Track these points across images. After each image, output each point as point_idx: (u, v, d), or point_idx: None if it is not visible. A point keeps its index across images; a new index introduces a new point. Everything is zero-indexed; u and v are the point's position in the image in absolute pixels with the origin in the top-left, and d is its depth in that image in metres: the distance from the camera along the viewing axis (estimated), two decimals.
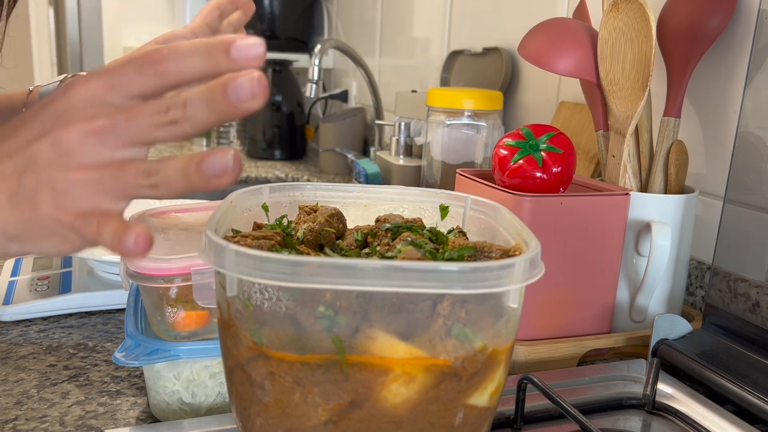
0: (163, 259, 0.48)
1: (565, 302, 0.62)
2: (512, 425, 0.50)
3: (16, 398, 0.52)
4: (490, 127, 0.92)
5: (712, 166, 0.72)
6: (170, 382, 0.49)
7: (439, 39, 1.36)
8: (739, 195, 0.62)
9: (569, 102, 0.94)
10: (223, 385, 0.50)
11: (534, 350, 0.60)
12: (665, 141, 0.68)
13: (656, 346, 0.60)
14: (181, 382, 0.49)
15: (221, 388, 0.50)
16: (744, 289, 0.61)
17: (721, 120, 0.71)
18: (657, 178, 0.68)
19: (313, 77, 1.33)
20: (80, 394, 0.53)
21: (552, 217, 0.59)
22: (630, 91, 0.66)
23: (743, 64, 0.68)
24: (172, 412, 0.50)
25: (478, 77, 1.16)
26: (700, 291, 0.72)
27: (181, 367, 0.49)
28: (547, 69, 0.69)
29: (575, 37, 0.70)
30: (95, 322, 0.67)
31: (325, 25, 2.11)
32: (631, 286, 0.66)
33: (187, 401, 0.50)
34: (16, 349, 0.61)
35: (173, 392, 0.49)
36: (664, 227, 0.62)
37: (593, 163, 0.85)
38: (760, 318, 0.59)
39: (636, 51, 0.65)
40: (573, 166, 0.62)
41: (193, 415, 0.50)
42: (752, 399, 0.52)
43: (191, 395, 0.50)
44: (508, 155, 0.62)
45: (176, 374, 0.49)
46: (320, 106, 2.00)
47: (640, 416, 0.53)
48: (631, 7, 0.64)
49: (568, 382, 0.54)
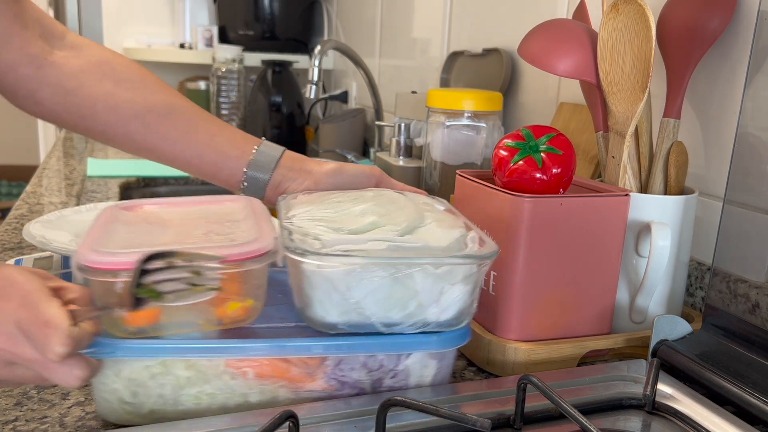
0: (110, 253, 0.46)
1: (565, 303, 0.62)
2: (512, 425, 0.50)
3: (16, 399, 0.52)
4: (489, 128, 0.92)
5: (712, 167, 0.72)
6: (110, 380, 0.48)
7: (438, 40, 1.36)
8: (739, 196, 0.62)
9: (569, 103, 0.94)
10: (164, 387, 0.49)
11: (534, 350, 0.60)
12: (665, 142, 0.68)
13: (656, 347, 0.60)
14: (121, 380, 0.48)
15: (162, 389, 0.49)
16: (744, 290, 0.61)
17: (721, 121, 0.71)
18: (657, 179, 0.68)
19: (313, 78, 1.33)
20: (80, 395, 0.53)
21: (552, 218, 0.59)
22: (630, 92, 0.66)
23: (743, 64, 0.68)
24: (113, 411, 0.49)
25: (477, 78, 1.16)
26: (699, 292, 0.72)
27: (120, 365, 0.48)
28: (546, 70, 0.69)
29: (575, 38, 0.70)
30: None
31: (325, 26, 2.11)
32: (631, 286, 0.66)
33: (128, 400, 0.49)
34: None
35: (113, 390, 0.48)
36: (664, 228, 0.62)
37: (593, 164, 0.85)
38: (760, 319, 0.59)
39: (636, 52, 0.65)
40: (573, 167, 0.62)
41: (135, 416, 0.49)
42: (752, 399, 0.52)
43: (132, 395, 0.49)
44: (507, 156, 0.62)
45: (116, 372, 0.48)
46: (320, 107, 2.00)
47: (640, 416, 0.53)
48: (630, 8, 0.64)
49: (568, 383, 0.54)
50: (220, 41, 2.11)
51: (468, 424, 0.43)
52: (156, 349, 0.48)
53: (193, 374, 0.49)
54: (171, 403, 0.49)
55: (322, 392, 0.51)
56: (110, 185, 1.35)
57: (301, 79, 1.95)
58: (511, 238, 0.59)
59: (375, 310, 0.49)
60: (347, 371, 0.51)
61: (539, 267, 0.60)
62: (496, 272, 0.61)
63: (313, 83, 1.33)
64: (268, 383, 0.50)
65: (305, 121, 1.87)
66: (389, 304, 0.49)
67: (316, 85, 1.33)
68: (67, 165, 1.55)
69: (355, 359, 0.51)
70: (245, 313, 0.50)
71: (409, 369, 0.52)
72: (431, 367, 0.53)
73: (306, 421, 0.46)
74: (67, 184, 1.35)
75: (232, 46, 1.97)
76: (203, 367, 0.49)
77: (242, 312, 0.50)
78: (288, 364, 0.50)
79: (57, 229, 0.78)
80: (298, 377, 0.50)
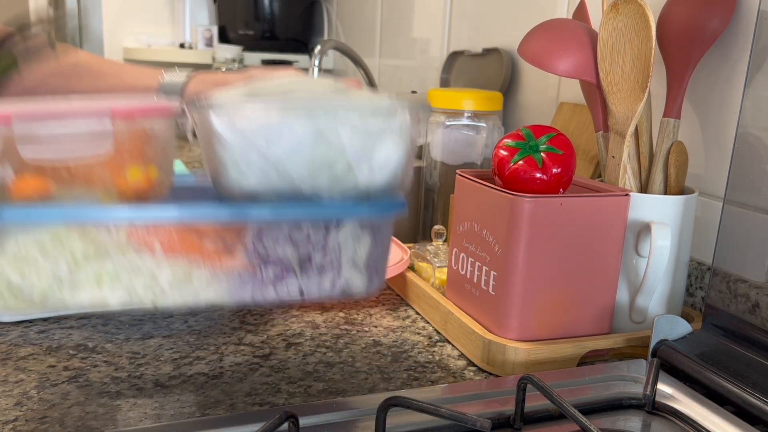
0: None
1: (565, 303, 0.62)
2: (512, 425, 0.50)
3: (16, 399, 0.52)
4: (489, 128, 0.92)
5: (711, 167, 0.72)
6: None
7: (438, 40, 1.36)
8: (739, 196, 0.62)
9: (569, 103, 0.94)
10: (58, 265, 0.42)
11: (534, 350, 0.60)
12: (665, 142, 0.68)
13: (656, 347, 0.60)
14: (6, 258, 0.41)
15: (56, 268, 0.42)
16: (744, 290, 0.61)
17: (721, 120, 0.71)
18: (657, 178, 0.68)
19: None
20: (80, 395, 0.53)
21: (552, 218, 0.59)
22: (630, 92, 0.66)
23: (743, 64, 0.68)
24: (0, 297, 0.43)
25: (477, 78, 1.16)
26: (699, 292, 0.72)
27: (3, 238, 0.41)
28: (546, 70, 0.69)
29: (575, 38, 0.70)
30: (95, 323, 0.67)
31: (325, 26, 2.11)
32: (630, 286, 0.66)
33: (15, 282, 0.42)
34: (16, 350, 0.61)
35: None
36: (664, 228, 0.62)
37: (593, 163, 0.85)
38: (760, 319, 0.59)
39: (636, 52, 0.65)
40: (573, 166, 0.62)
41: (25, 302, 0.42)
42: (752, 399, 0.52)
43: (20, 275, 0.42)
44: (507, 156, 0.62)
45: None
46: None
47: (640, 416, 0.53)
48: (630, 8, 0.64)
49: (568, 382, 0.54)
50: (220, 41, 2.12)
51: (468, 424, 0.43)
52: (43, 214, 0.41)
53: (92, 249, 0.42)
54: (67, 285, 0.42)
55: (244, 273, 0.45)
56: None
57: None
58: (511, 238, 0.59)
59: (299, 171, 0.43)
60: (270, 246, 0.44)
61: (539, 267, 0.60)
62: (496, 272, 0.61)
63: None
64: (179, 260, 0.43)
65: None
66: (315, 165, 0.43)
67: None
68: None
69: (278, 231, 0.44)
70: (149, 183, 0.44)
71: (341, 244, 0.46)
72: (365, 242, 0.47)
73: (306, 421, 0.46)
74: None
75: (232, 46, 1.97)
76: (103, 240, 0.42)
77: (145, 182, 0.44)
78: (201, 237, 0.43)
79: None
80: (213, 252, 0.44)
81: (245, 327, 0.68)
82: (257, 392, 0.55)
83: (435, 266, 0.77)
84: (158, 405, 0.53)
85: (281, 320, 0.70)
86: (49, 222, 0.41)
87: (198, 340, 0.65)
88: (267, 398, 0.54)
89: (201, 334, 0.66)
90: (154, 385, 0.56)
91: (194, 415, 0.51)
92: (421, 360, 0.63)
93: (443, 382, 0.59)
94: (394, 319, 0.73)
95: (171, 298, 0.43)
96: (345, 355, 0.63)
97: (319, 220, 0.45)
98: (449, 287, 0.71)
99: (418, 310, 0.74)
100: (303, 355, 0.63)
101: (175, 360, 0.60)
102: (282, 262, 0.45)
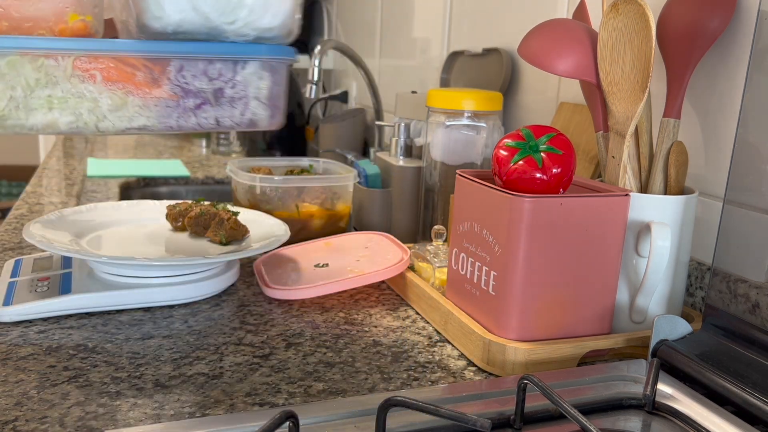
0: None
1: (565, 303, 0.62)
2: (512, 425, 0.50)
3: (16, 399, 0.52)
4: (490, 128, 0.92)
5: (711, 167, 0.72)
6: None
7: (438, 40, 1.36)
8: (739, 196, 0.62)
9: (569, 103, 0.94)
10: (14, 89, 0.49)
11: (534, 350, 0.60)
12: (665, 142, 0.68)
13: (656, 347, 0.60)
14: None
15: (13, 91, 0.49)
16: (744, 290, 0.61)
17: (721, 120, 0.71)
18: (657, 179, 0.68)
19: (312, 78, 1.33)
20: (80, 395, 0.53)
21: (552, 218, 0.59)
22: (630, 92, 0.66)
23: (743, 64, 0.68)
24: None
25: (478, 78, 1.16)
26: (699, 292, 0.72)
27: None
28: (546, 70, 0.69)
29: (575, 38, 0.70)
30: (95, 323, 0.67)
31: (325, 26, 2.11)
32: (630, 286, 0.66)
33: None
34: (16, 350, 0.61)
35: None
36: (664, 228, 0.62)
37: (593, 164, 0.85)
38: (760, 319, 0.59)
39: (636, 52, 0.65)
40: (573, 167, 0.62)
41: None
42: (752, 399, 0.52)
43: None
44: (507, 156, 0.62)
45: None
46: (320, 107, 2.00)
47: (640, 416, 0.53)
48: (630, 8, 0.64)
49: (568, 382, 0.54)
50: None
51: (468, 424, 0.43)
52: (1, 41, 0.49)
53: (43, 76, 0.50)
54: (23, 107, 0.50)
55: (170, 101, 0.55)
56: (110, 185, 1.35)
57: (301, 79, 1.95)
58: (511, 238, 0.59)
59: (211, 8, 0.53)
60: (189, 78, 0.55)
61: (539, 267, 0.60)
62: (496, 272, 0.61)
63: (313, 83, 1.33)
64: (116, 89, 0.53)
65: (305, 121, 1.87)
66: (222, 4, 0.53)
67: (316, 85, 1.33)
68: (67, 165, 1.55)
69: (196, 66, 0.55)
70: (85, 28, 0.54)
71: (247, 79, 0.58)
72: (266, 80, 0.59)
73: (306, 421, 0.46)
74: (67, 184, 1.35)
75: None
76: (52, 69, 0.50)
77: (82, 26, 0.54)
78: (133, 69, 0.53)
79: (57, 229, 0.78)
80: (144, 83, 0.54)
81: (245, 327, 0.68)
82: (257, 392, 0.55)
83: (435, 266, 0.77)
84: (158, 405, 0.53)
85: (281, 320, 0.70)
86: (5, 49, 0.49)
87: (198, 340, 0.65)
88: (267, 398, 0.54)
89: (201, 334, 0.66)
90: (154, 385, 0.56)
91: (194, 415, 0.51)
92: (421, 360, 0.63)
93: (443, 382, 0.59)
94: (394, 319, 0.73)
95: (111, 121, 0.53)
96: (345, 355, 0.63)
97: (228, 58, 0.56)
98: (449, 287, 0.71)
99: (418, 310, 0.74)
100: (303, 355, 0.63)
101: (175, 360, 0.60)
102: (200, 94, 0.56)
